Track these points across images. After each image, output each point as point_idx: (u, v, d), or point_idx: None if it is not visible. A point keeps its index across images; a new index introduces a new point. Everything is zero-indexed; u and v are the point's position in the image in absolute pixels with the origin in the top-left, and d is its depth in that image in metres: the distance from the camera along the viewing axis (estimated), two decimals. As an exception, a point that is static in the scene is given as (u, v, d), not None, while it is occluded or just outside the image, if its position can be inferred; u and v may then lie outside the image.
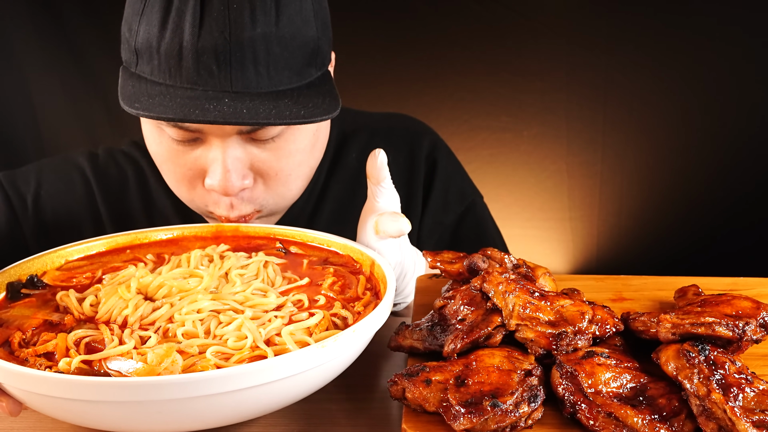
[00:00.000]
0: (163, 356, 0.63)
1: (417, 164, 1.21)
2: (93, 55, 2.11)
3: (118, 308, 0.74)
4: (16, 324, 0.72)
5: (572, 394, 0.60)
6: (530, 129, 2.29)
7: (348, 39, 1.91)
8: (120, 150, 1.20)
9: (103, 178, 1.16)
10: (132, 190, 1.16)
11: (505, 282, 0.69)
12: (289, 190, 0.98)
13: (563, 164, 2.32)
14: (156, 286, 0.77)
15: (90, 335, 0.69)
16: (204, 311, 0.72)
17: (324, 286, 0.80)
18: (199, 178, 0.94)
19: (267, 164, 0.93)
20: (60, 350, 0.67)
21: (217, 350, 0.66)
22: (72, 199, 1.14)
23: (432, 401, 0.60)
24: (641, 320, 0.68)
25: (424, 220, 1.21)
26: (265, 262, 0.85)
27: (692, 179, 2.29)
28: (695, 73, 2.17)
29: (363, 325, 0.65)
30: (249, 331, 0.68)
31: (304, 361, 0.60)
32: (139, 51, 0.87)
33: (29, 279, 0.81)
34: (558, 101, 2.25)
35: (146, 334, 0.69)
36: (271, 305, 0.75)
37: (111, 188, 1.16)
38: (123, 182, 1.17)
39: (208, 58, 0.83)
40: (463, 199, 1.24)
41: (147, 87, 0.87)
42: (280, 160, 0.93)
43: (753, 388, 0.57)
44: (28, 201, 1.12)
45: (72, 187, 1.15)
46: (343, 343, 0.63)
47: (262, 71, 0.85)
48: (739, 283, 0.84)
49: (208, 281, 0.78)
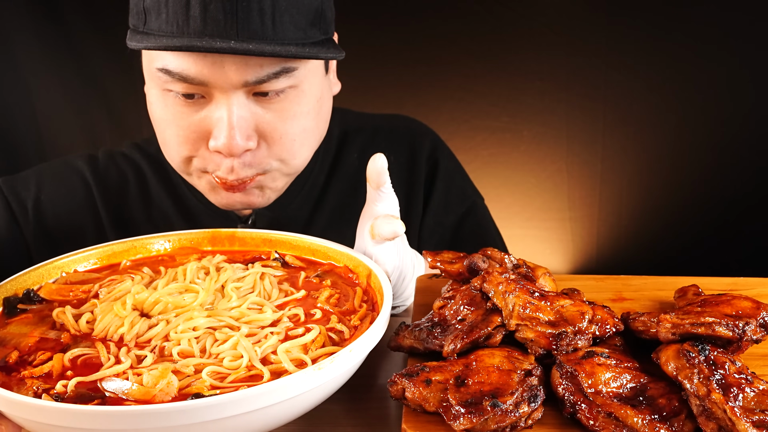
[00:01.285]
0: (158, 377, 0.63)
1: (418, 165, 1.21)
2: (94, 57, 2.12)
3: (114, 326, 0.73)
4: (12, 343, 0.72)
5: (572, 394, 0.60)
6: (530, 129, 2.29)
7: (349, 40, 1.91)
8: (120, 152, 1.20)
9: (103, 181, 1.16)
10: (132, 192, 1.16)
11: (505, 282, 0.69)
12: (292, 157, 0.99)
13: (563, 164, 2.32)
14: (152, 302, 0.77)
15: (86, 354, 0.69)
16: (200, 329, 0.72)
17: (320, 299, 0.79)
18: (203, 140, 0.95)
19: (272, 125, 0.94)
20: (56, 371, 0.67)
21: (212, 370, 0.66)
22: (72, 203, 1.14)
23: (432, 401, 0.60)
24: (641, 320, 0.68)
25: (425, 221, 1.21)
26: (262, 274, 0.84)
27: (692, 179, 2.29)
28: (695, 74, 2.17)
29: (359, 344, 0.65)
30: (245, 350, 0.68)
31: (300, 384, 0.60)
32: (148, 9, 0.88)
33: (26, 293, 0.80)
34: (558, 101, 2.25)
35: (142, 353, 0.69)
36: (267, 321, 0.75)
37: (111, 191, 1.16)
38: (123, 185, 1.16)
39: (215, 7, 0.85)
40: (463, 200, 1.24)
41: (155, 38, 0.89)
42: (285, 122, 0.95)
43: (753, 388, 0.57)
44: (28, 206, 1.12)
45: (72, 191, 1.15)
46: (340, 364, 0.63)
47: (267, 22, 0.87)
48: (739, 283, 0.84)
49: (204, 297, 0.78)
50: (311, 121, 0.98)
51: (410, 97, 2.27)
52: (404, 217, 1.10)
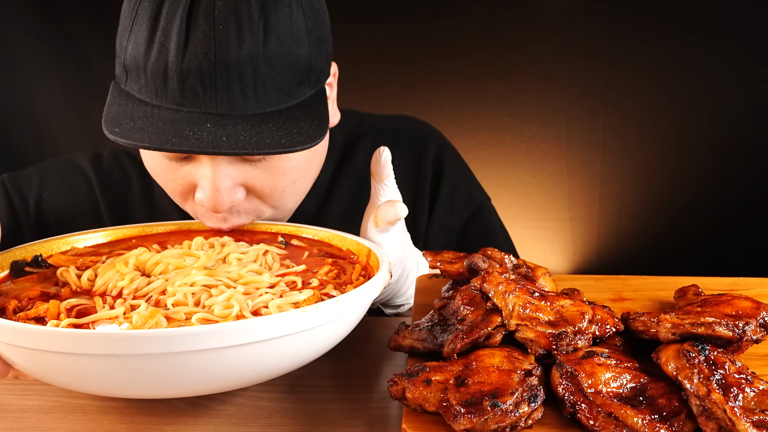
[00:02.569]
0: (147, 317, 0.64)
1: (424, 167, 1.20)
2: (94, 58, 2.11)
3: (114, 281, 0.75)
4: (13, 294, 0.73)
5: (572, 394, 0.60)
6: (530, 129, 2.29)
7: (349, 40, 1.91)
8: (125, 152, 1.19)
9: (105, 180, 1.16)
10: (135, 193, 1.16)
11: (505, 282, 0.69)
12: (285, 204, 0.97)
13: (563, 164, 2.32)
14: (153, 262, 0.78)
15: (83, 304, 0.70)
16: (197, 285, 0.73)
17: (320, 273, 0.80)
18: (191, 192, 0.93)
19: (261, 182, 0.91)
20: (51, 314, 0.68)
21: (202, 317, 0.66)
22: (74, 201, 1.14)
23: (432, 401, 0.60)
24: (641, 320, 0.68)
25: (431, 224, 1.20)
26: (265, 250, 0.85)
27: (692, 179, 2.29)
28: (695, 74, 2.17)
29: (348, 296, 0.65)
30: (237, 301, 0.69)
31: (283, 324, 0.60)
32: (128, 68, 0.86)
33: (34, 259, 0.82)
34: (558, 101, 2.25)
35: (137, 303, 0.70)
36: (264, 284, 0.75)
37: (114, 190, 1.15)
38: (127, 184, 1.16)
39: (193, 80, 0.81)
40: (470, 203, 1.23)
41: (132, 107, 0.85)
42: (274, 179, 0.91)
43: (753, 388, 0.57)
44: (30, 203, 1.12)
45: (74, 190, 1.15)
46: (325, 311, 0.62)
47: (249, 93, 0.83)
48: (739, 283, 0.84)
49: (205, 260, 0.79)
50: (302, 172, 0.95)
51: (410, 97, 2.27)
52: (410, 219, 1.09)
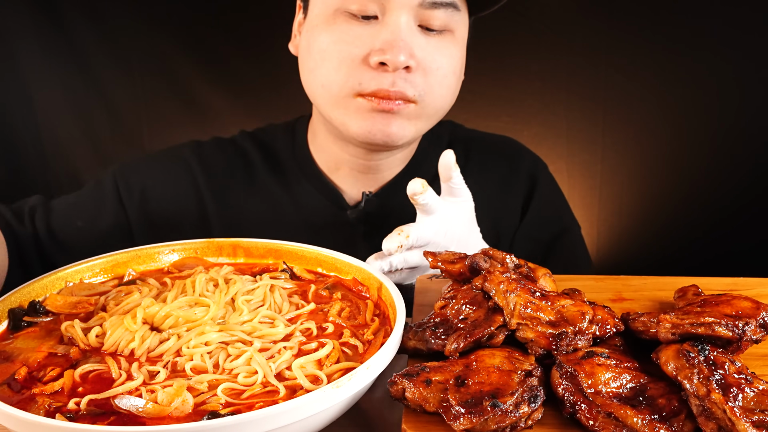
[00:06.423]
0: (173, 395, 0.62)
1: (516, 178, 1.26)
2: (95, 59, 2.11)
3: (125, 340, 0.72)
4: (20, 358, 0.70)
5: (572, 394, 0.60)
6: (530, 129, 2.29)
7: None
8: (229, 139, 1.24)
9: (207, 167, 1.20)
10: (238, 178, 1.20)
11: (506, 281, 0.69)
12: (434, 95, 1.04)
13: (563, 164, 2.31)
14: (162, 316, 0.76)
15: (97, 369, 0.68)
16: (212, 344, 0.72)
17: (332, 312, 0.79)
18: (364, 62, 0.99)
19: (430, 55, 1.02)
20: (67, 387, 0.65)
21: (227, 387, 0.65)
22: (176, 190, 1.19)
23: (432, 401, 0.60)
24: (641, 320, 0.68)
25: (519, 233, 1.25)
26: (272, 286, 0.84)
27: (692, 179, 2.29)
28: (695, 74, 2.17)
29: (376, 360, 0.64)
30: (259, 366, 0.67)
31: (319, 402, 0.59)
32: None
33: (31, 305, 0.79)
34: (558, 101, 2.25)
35: (154, 369, 0.68)
36: (279, 335, 0.74)
37: (216, 177, 1.20)
38: (230, 171, 1.20)
39: None
40: (557, 223, 1.28)
41: None
42: (442, 55, 1.03)
43: (753, 388, 0.57)
44: (135, 194, 1.17)
45: (177, 179, 1.19)
46: (358, 381, 0.62)
47: None
48: (739, 283, 0.84)
49: (215, 310, 0.77)
50: (455, 74, 1.07)
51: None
52: (493, 222, 1.16)
